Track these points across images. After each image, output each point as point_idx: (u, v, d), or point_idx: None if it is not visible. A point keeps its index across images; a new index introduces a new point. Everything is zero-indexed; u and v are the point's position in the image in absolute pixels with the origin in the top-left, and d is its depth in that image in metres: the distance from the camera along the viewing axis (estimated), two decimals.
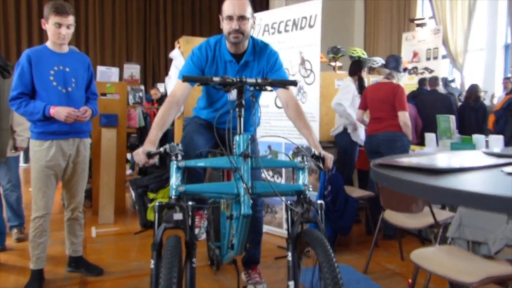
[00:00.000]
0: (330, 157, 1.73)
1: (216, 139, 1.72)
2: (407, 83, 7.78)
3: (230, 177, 2.34)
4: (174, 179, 1.58)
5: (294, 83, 1.80)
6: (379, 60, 5.50)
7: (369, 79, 5.13)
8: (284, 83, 1.81)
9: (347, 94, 4.03)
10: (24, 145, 3.39)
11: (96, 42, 9.17)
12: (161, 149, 1.62)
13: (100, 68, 4.26)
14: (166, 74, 10.39)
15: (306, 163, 1.67)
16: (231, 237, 2.05)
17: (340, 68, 5.77)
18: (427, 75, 7.62)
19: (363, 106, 3.88)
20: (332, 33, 8.65)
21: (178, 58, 4.04)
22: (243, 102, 1.67)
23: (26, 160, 7.61)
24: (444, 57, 8.54)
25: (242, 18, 1.96)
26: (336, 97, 4.12)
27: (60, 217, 3.01)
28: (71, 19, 2.49)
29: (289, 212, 1.63)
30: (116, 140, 4.28)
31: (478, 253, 2.05)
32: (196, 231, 1.97)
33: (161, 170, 4.39)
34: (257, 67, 2.11)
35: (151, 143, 1.75)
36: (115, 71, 4.29)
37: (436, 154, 1.78)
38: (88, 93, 2.72)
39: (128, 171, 6.55)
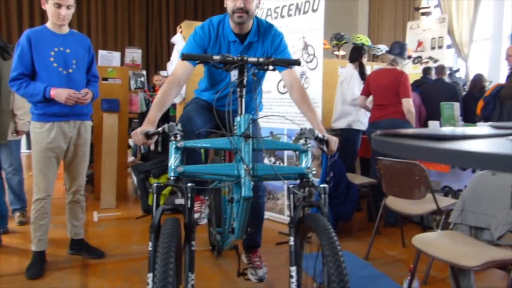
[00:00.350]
0: (334, 140, 1.69)
1: (216, 120, 1.68)
2: (411, 72, 7.70)
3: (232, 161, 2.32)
4: (173, 160, 1.55)
5: (297, 62, 1.74)
6: (383, 48, 5.45)
7: (373, 67, 5.08)
8: (287, 62, 1.77)
9: (356, 90, 4.01)
10: (25, 128, 3.38)
11: (98, 26, 9.09)
12: (160, 129, 1.58)
13: (101, 52, 4.23)
14: (169, 59, 10.32)
15: (309, 145, 1.63)
16: (232, 221, 2.03)
17: (343, 57, 5.72)
18: (431, 64, 7.55)
19: (366, 92, 3.85)
20: (336, 22, 8.56)
21: (180, 43, 4.01)
22: (244, 82, 1.63)
23: (29, 146, 7.62)
24: (449, 47, 8.45)
25: None
26: (347, 91, 4.08)
27: (62, 201, 3.02)
28: (71, 0, 2.45)
29: (291, 196, 1.60)
30: (118, 126, 4.27)
31: (480, 238, 2.04)
32: (197, 215, 1.95)
33: (163, 155, 4.39)
34: (261, 48, 2.06)
35: (150, 123, 1.70)
36: (116, 55, 4.26)
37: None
38: (89, 75, 2.70)
39: (130, 158, 6.55)
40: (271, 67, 1.70)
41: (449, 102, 3.61)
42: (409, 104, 3.52)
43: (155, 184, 1.55)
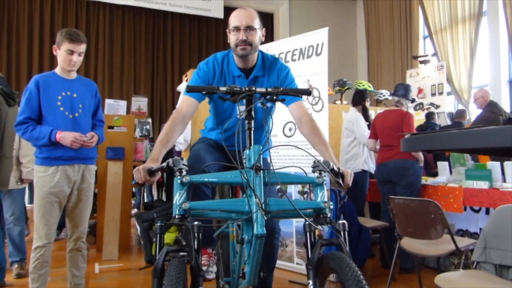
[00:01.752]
0: (350, 174, 1.59)
1: (229, 156, 1.55)
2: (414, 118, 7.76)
3: None
4: (178, 196, 1.42)
5: (307, 91, 1.69)
6: (385, 93, 5.52)
7: (376, 111, 5.11)
8: (297, 91, 1.70)
9: (365, 131, 4.04)
10: (30, 176, 3.34)
11: (105, 76, 9.34)
12: (163, 164, 1.47)
13: (108, 101, 4.29)
14: (173, 107, 10.47)
15: (324, 178, 1.52)
16: (242, 265, 1.89)
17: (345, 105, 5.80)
18: (433, 110, 7.62)
19: (374, 135, 3.83)
20: (336, 69, 8.78)
21: None
22: (252, 113, 1.57)
23: (31, 200, 7.52)
24: (449, 93, 8.58)
25: (249, 28, 1.87)
26: (357, 132, 4.09)
27: (62, 254, 2.90)
28: (83, 47, 2.52)
29: (308, 234, 1.46)
30: (122, 174, 4.22)
31: (506, 277, 1.90)
32: (204, 269, 1.82)
33: (167, 203, 4.29)
34: (267, 82, 2.01)
35: (153, 160, 1.62)
36: (122, 104, 4.31)
37: None
38: (95, 119, 2.70)
39: (133, 211, 6.43)
40: (280, 98, 1.63)
41: None
42: None
43: (158, 223, 1.45)
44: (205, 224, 1.57)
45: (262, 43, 2.04)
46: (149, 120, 4.38)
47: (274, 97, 1.61)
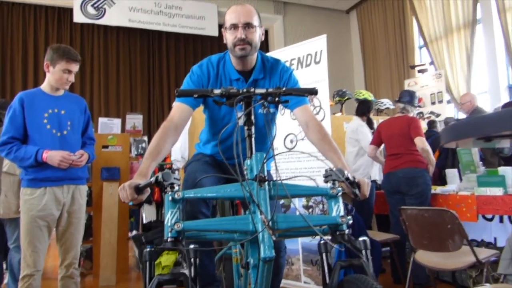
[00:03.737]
0: (367, 183, 1.41)
1: (228, 170, 1.41)
2: None
3: None
4: (169, 216, 1.23)
5: (313, 91, 1.48)
6: (387, 102, 5.41)
7: (378, 120, 4.98)
8: (301, 90, 1.51)
9: (369, 132, 3.89)
10: None
11: (101, 94, 9.23)
12: (152, 179, 1.28)
13: (101, 120, 4.15)
14: None
15: (339, 189, 1.33)
16: None
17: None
18: (434, 118, 7.51)
19: (376, 142, 3.69)
20: (332, 85, 8.71)
21: None
22: (253, 119, 1.39)
23: None
24: (449, 102, 8.49)
25: (248, 26, 1.69)
26: (362, 141, 3.95)
27: (54, 283, 2.71)
28: (78, 66, 2.41)
29: (324, 255, 1.28)
30: (118, 195, 4.04)
31: None
32: None
33: None
34: (269, 85, 1.82)
35: (141, 176, 1.41)
36: (117, 122, 4.17)
37: None
38: (85, 137, 2.56)
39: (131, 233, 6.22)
40: (282, 99, 1.44)
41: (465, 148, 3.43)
42: (423, 143, 3.34)
43: (147, 249, 1.25)
44: (203, 248, 1.39)
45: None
46: (145, 138, 4.24)
47: (276, 99, 1.41)
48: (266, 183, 1.25)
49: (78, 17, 8.48)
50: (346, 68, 11.49)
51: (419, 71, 8.69)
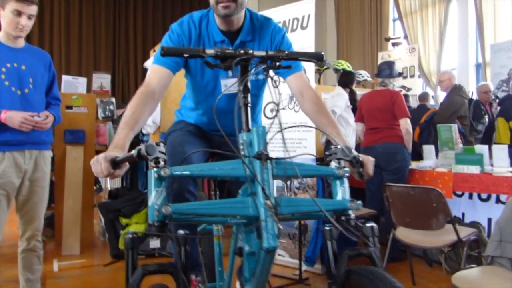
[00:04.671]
0: (371, 161, 1.28)
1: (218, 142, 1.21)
2: None
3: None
4: (154, 197, 1.05)
5: (320, 55, 1.29)
6: (365, 74, 5.33)
7: (356, 93, 4.90)
8: (307, 54, 1.31)
9: (339, 101, 3.75)
10: None
11: (62, 50, 8.62)
12: (133, 152, 1.08)
13: (65, 78, 3.81)
14: (136, 86, 9.90)
15: (346, 169, 1.18)
16: (244, 282, 1.48)
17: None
18: (405, 92, 7.56)
19: (360, 118, 3.61)
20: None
21: None
22: (249, 84, 1.17)
23: None
24: (419, 76, 8.57)
25: None
26: (328, 104, 3.83)
27: (13, 250, 2.50)
28: (34, 9, 2.08)
29: (329, 244, 1.14)
30: (83, 159, 3.79)
31: None
32: None
33: (135, 191, 3.92)
34: (258, 48, 1.61)
35: (118, 148, 1.22)
36: (82, 81, 3.84)
37: None
38: (49, 97, 2.29)
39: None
40: (284, 64, 1.23)
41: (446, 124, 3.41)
42: (407, 124, 3.30)
43: (129, 234, 1.06)
44: (191, 232, 1.23)
45: None
46: (113, 99, 3.95)
47: (277, 63, 1.21)
48: (269, 161, 1.08)
49: None
50: (319, 36, 11.29)
51: (393, 44, 8.67)
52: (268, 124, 1.15)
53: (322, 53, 1.29)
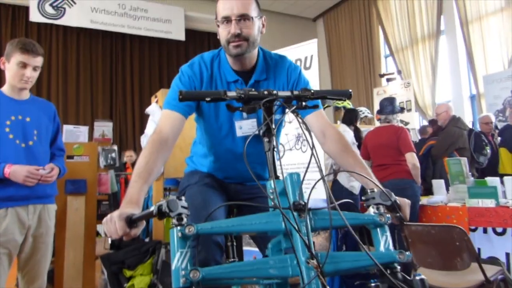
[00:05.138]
0: (407, 204, 1.21)
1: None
2: None
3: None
4: (179, 259, 0.93)
5: (347, 93, 1.26)
6: (365, 110, 5.34)
7: None
8: (334, 93, 1.26)
9: (350, 137, 3.72)
10: None
11: (59, 100, 8.60)
12: (152, 208, 0.98)
13: (66, 127, 3.76)
14: (134, 133, 9.80)
15: (388, 216, 1.09)
16: None
17: None
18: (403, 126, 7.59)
19: (365, 155, 3.56)
20: None
21: (157, 113, 3.64)
22: (273, 127, 1.10)
23: None
24: (415, 110, 8.65)
25: (244, 18, 1.42)
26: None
27: None
28: (39, 60, 2.07)
29: None
30: (85, 210, 3.68)
31: None
32: None
33: (139, 241, 3.78)
34: (274, 87, 1.56)
35: (132, 203, 1.13)
36: (83, 130, 3.80)
37: None
38: (53, 148, 2.23)
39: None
40: (310, 104, 1.19)
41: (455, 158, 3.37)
42: (413, 159, 3.25)
43: None
44: None
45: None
46: (115, 147, 3.89)
47: (304, 104, 1.16)
48: (308, 213, 0.99)
49: (35, 16, 7.92)
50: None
51: (388, 80, 8.81)
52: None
53: (350, 91, 1.25)
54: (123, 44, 9.75)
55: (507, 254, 3.01)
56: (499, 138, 5.39)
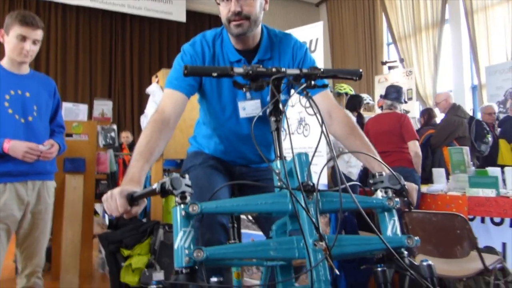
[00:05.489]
0: (415, 189, 1.20)
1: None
2: None
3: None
4: (181, 238, 0.91)
5: (358, 72, 1.19)
6: (367, 97, 5.31)
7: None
8: (344, 72, 1.21)
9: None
10: None
11: (58, 78, 8.50)
12: (155, 185, 0.94)
13: (66, 105, 3.72)
14: (133, 113, 9.75)
15: (397, 200, 1.06)
16: None
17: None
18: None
19: None
20: None
21: (157, 93, 3.59)
22: (280, 106, 1.08)
23: None
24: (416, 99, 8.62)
25: None
26: None
27: (9, 286, 2.34)
28: (39, 34, 2.01)
29: (383, 286, 1.00)
30: (83, 189, 3.66)
31: None
32: None
33: (137, 221, 3.78)
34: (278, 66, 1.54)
35: (133, 182, 1.10)
36: (83, 108, 3.76)
37: None
38: (53, 124, 2.20)
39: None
40: (319, 83, 1.16)
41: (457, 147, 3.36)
42: (416, 147, 3.24)
43: (153, 286, 0.93)
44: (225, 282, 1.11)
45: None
46: (114, 126, 3.85)
47: (313, 82, 1.11)
48: (315, 194, 0.96)
49: None
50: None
51: (389, 68, 8.74)
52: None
53: (360, 70, 1.21)
54: (123, 24, 9.63)
55: (504, 244, 3.02)
56: (498, 129, 5.36)
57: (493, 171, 3.17)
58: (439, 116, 5.53)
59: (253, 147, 1.57)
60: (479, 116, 5.83)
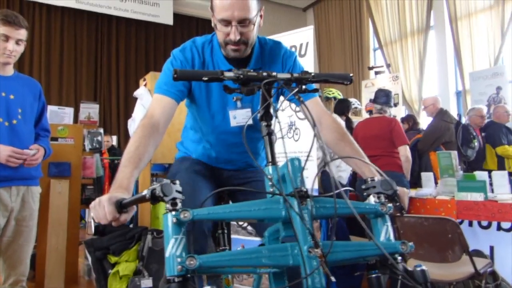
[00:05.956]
0: (406, 193, 1.21)
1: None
2: None
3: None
4: (173, 246, 0.89)
5: (349, 77, 1.20)
6: (355, 101, 5.33)
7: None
8: (335, 76, 1.20)
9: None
10: None
11: (41, 80, 8.33)
12: (145, 192, 0.92)
13: (51, 108, 3.63)
14: (119, 116, 9.62)
15: (390, 205, 1.05)
16: None
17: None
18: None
19: None
20: None
21: (145, 97, 3.54)
22: (272, 111, 1.07)
23: None
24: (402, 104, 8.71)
25: (245, 21, 1.33)
26: None
27: None
28: (23, 33, 1.95)
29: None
30: (69, 194, 3.58)
31: None
32: None
33: (124, 227, 3.70)
34: None
35: (122, 188, 1.08)
36: (69, 111, 3.68)
37: None
38: (38, 128, 2.14)
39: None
40: (310, 88, 1.19)
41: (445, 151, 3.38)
42: (407, 152, 3.25)
43: None
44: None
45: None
46: (101, 130, 3.78)
47: (303, 87, 1.11)
48: (309, 200, 0.95)
49: None
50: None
51: (376, 73, 8.82)
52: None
53: (351, 75, 1.21)
54: (109, 26, 9.53)
55: (491, 247, 3.05)
56: (483, 134, 5.44)
57: (481, 175, 3.20)
58: (425, 120, 5.59)
59: (242, 154, 1.57)
60: (464, 121, 5.90)
